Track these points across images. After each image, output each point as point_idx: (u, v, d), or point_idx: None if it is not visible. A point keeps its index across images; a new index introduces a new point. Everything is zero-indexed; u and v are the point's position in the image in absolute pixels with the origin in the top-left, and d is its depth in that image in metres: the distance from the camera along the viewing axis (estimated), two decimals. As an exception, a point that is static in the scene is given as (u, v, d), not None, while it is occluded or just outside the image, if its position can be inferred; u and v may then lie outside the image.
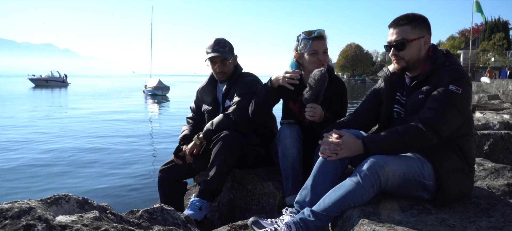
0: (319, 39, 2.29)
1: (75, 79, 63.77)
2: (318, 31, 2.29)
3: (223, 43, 2.58)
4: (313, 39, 2.28)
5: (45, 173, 7.17)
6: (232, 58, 2.62)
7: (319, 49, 2.29)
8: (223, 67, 2.60)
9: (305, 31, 2.32)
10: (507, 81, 13.24)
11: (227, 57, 2.57)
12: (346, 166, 1.87)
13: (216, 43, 2.58)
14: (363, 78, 71.29)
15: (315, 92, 2.10)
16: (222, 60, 2.57)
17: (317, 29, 2.30)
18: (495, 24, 42.49)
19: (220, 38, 2.63)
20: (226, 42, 2.61)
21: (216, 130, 2.43)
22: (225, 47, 2.57)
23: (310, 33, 2.29)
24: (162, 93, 31.17)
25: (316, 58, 2.29)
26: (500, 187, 2.00)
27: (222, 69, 2.61)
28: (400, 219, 1.59)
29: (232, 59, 2.62)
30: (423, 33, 1.82)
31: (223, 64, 2.59)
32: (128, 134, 11.83)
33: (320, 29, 2.31)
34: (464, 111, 1.73)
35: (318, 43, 2.29)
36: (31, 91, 35.70)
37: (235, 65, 2.69)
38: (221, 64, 2.59)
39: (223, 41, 2.61)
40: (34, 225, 1.17)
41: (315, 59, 2.29)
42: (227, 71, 2.63)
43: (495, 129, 4.04)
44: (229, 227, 1.98)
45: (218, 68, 2.61)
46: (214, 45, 2.57)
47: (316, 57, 2.28)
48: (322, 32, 2.31)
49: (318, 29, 2.31)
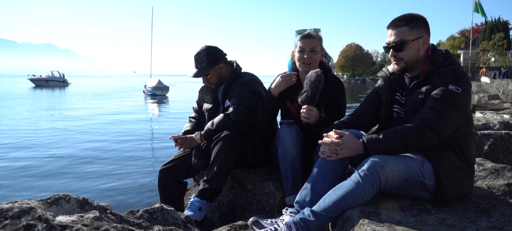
0: (307, 38, 2.31)
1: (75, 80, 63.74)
2: (309, 30, 2.32)
3: (200, 59, 2.57)
4: (301, 37, 2.31)
5: (45, 173, 7.18)
6: (215, 68, 2.59)
7: (305, 47, 2.30)
8: (209, 80, 2.64)
9: (298, 30, 2.36)
10: (507, 81, 13.24)
11: (205, 73, 2.58)
12: (346, 166, 1.87)
13: (195, 59, 2.60)
14: (363, 78, 71.29)
15: (310, 94, 2.10)
16: (204, 76, 2.61)
17: (310, 29, 2.33)
18: (495, 24, 42.50)
19: (199, 51, 2.60)
20: (204, 56, 2.57)
21: (217, 129, 2.44)
22: (202, 63, 2.57)
23: (300, 32, 2.33)
24: (161, 93, 31.22)
25: (301, 56, 2.30)
26: (500, 187, 2.00)
27: (207, 82, 2.66)
28: (400, 219, 1.59)
29: (215, 69, 2.59)
30: (421, 34, 1.83)
31: (207, 79, 2.62)
32: (128, 134, 11.84)
33: (312, 29, 2.33)
34: (463, 111, 1.73)
35: (306, 41, 2.31)
36: (31, 91, 35.71)
37: (231, 66, 2.69)
38: (205, 79, 2.64)
39: (201, 55, 2.58)
40: (34, 225, 1.17)
41: (301, 56, 2.31)
42: (213, 82, 2.65)
43: (495, 129, 4.04)
44: (229, 227, 1.98)
45: (204, 82, 2.68)
46: (194, 60, 2.60)
47: (302, 55, 2.30)
48: (312, 31, 2.33)
49: (312, 28, 2.33)
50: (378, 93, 2.06)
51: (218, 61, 2.60)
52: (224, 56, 2.66)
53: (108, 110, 19.21)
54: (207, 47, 2.61)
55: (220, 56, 2.62)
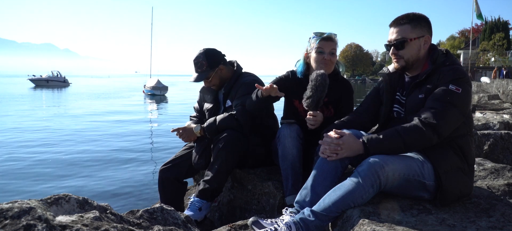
0: (327, 40, 2.33)
1: (75, 80, 63.76)
2: (329, 33, 2.34)
3: (200, 63, 2.58)
4: (322, 39, 2.32)
5: (45, 173, 7.18)
6: (215, 71, 2.59)
7: (325, 49, 2.31)
8: (210, 83, 2.64)
9: (316, 32, 2.37)
10: (507, 81, 13.24)
11: (206, 76, 2.58)
12: (346, 166, 1.87)
13: (194, 64, 2.60)
14: (363, 78, 71.28)
15: (315, 100, 2.10)
16: (206, 79, 2.61)
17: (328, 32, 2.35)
18: (495, 24, 42.48)
19: (197, 55, 2.60)
20: (203, 60, 2.57)
21: (219, 127, 2.43)
22: (202, 66, 2.58)
23: (320, 34, 2.34)
24: (160, 93, 31.29)
25: (321, 57, 2.31)
26: (500, 187, 2.00)
27: (209, 85, 2.66)
28: (400, 219, 1.59)
29: (215, 72, 2.59)
30: (423, 33, 1.83)
31: (208, 82, 2.63)
32: (128, 134, 11.85)
33: (332, 32, 2.35)
34: (464, 111, 1.73)
35: (326, 43, 2.32)
36: (31, 91, 35.70)
37: (232, 66, 2.69)
38: (206, 81, 2.64)
39: (200, 59, 2.58)
40: (34, 225, 1.17)
41: (320, 57, 2.31)
42: (215, 84, 2.65)
43: (495, 129, 4.04)
44: (229, 227, 1.98)
45: (206, 85, 2.69)
46: (194, 66, 2.61)
47: (321, 56, 2.31)
48: (333, 35, 2.35)
49: (330, 32, 2.35)
50: (378, 93, 2.06)
51: (217, 64, 2.60)
52: (223, 58, 2.66)
53: (108, 110, 19.22)
54: (205, 50, 2.61)
55: (219, 58, 2.62)
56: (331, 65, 2.33)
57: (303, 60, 2.44)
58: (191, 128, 2.58)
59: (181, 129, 2.61)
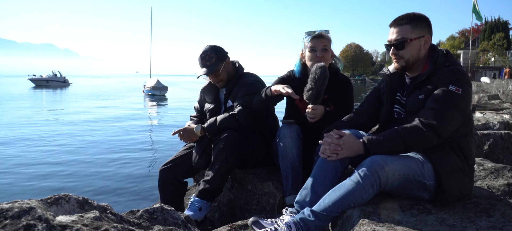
0: (318, 38, 2.36)
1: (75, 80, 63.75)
2: (319, 31, 2.38)
3: (209, 56, 2.57)
4: (313, 37, 2.36)
5: (45, 173, 7.18)
6: (224, 64, 2.60)
7: (317, 46, 2.35)
8: (217, 78, 2.63)
9: (308, 31, 2.41)
10: (507, 81, 13.24)
11: (217, 68, 2.57)
12: (346, 166, 1.86)
13: (202, 58, 2.58)
14: (363, 78, 71.27)
15: (315, 93, 2.10)
16: (213, 73, 2.59)
17: (320, 29, 2.38)
18: (495, 24, 42.46)
19: (205, 49, 2.60)
20: (211, 52, 2.57)
21: (220, 127, 2.43)
22: (211, 59, 2.57)
23: (310, 33, 2.38)
24: (160, 93, 31.31)
25: (314, 55, 2.35)
26: (500, 187, 2.00)
27: (216, 80, 2.65)
28: (400, 219, 1.59)
29: (223, 65, 2.60)
30: (423, 33, 1.83)
31: (216, 76, 2.62)
32: (128, 134, 11.84)
33: (322, 29, 2.39)
34: (464, 112, 1.73)
35: (317, 40, 2.36)
36: (31, 91, 35.69)
37: (234, 66, 2.69)
38: (214, 77, 2.63)
39: (208, 53, 2.58)
40: (34, 225, 1.17)
41: (313, 55, 2.35)
42: (223, 78, 2.65)
43: (495, 129, 4.04)
44: (229, 227, 1.98)
45: (213, 80, 2.67)
46: (201, 60, 2.59)
47: (314, 54, 2.35)
48: (323, 32, 2.39)
49: (321, 29, 2.38)
50: (379, 93, 2.06)
51: (225, 57, 2.63)
52: (227, 53, 2.67)
53: (108, 110, 19.21)
54: (211, 45, 2.63)
55: (225, 52, 2.65)
56: (324, 61, 2.33)
57: (300, 60, 2.49)
58: (192, 129, 2.58)
59: (182, 130, 2.61)
